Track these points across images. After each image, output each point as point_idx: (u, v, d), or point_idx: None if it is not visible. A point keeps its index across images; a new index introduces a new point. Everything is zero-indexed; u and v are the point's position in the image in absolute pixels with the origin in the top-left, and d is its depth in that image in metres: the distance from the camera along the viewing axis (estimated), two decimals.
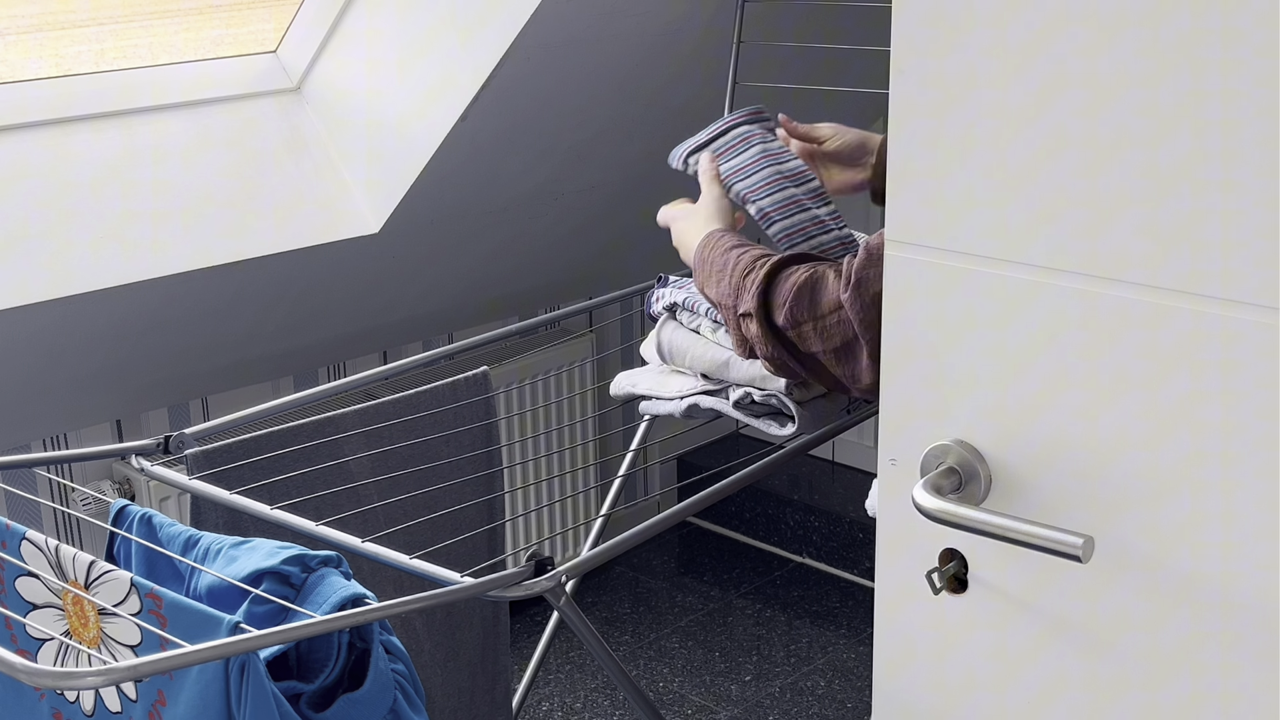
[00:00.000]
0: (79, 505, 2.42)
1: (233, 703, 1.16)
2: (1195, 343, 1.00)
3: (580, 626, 1.51)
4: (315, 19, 2.44)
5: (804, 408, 1.66)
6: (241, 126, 2.41)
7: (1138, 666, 1.08)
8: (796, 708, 2.82)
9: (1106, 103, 0.99)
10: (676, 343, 1.78)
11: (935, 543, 1.16)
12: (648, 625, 3.13)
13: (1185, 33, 0.95)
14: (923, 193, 1.10)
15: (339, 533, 1.49)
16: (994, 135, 1.05)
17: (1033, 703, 1.15)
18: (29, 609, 1.31)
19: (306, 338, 2.65)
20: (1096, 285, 1.03)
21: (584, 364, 3.02)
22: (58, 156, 2.22)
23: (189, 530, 1.37)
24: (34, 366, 2.27)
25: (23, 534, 1.32)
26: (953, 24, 1.05)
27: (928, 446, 1.13)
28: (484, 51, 2.25)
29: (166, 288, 2.27)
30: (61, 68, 3.26)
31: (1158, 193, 0.99)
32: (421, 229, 2.54)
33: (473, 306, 2.90)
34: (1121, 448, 1.05)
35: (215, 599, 1.28)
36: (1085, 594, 1.09)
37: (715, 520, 3.53)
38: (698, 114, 2.65)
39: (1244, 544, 1.01)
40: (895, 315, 1.14)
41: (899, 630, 1.21)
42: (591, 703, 2.85)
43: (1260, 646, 1.02)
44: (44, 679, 1.09)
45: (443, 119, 2.33)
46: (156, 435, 1.73)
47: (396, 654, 1.30)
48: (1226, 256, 0.97)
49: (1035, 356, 1.07)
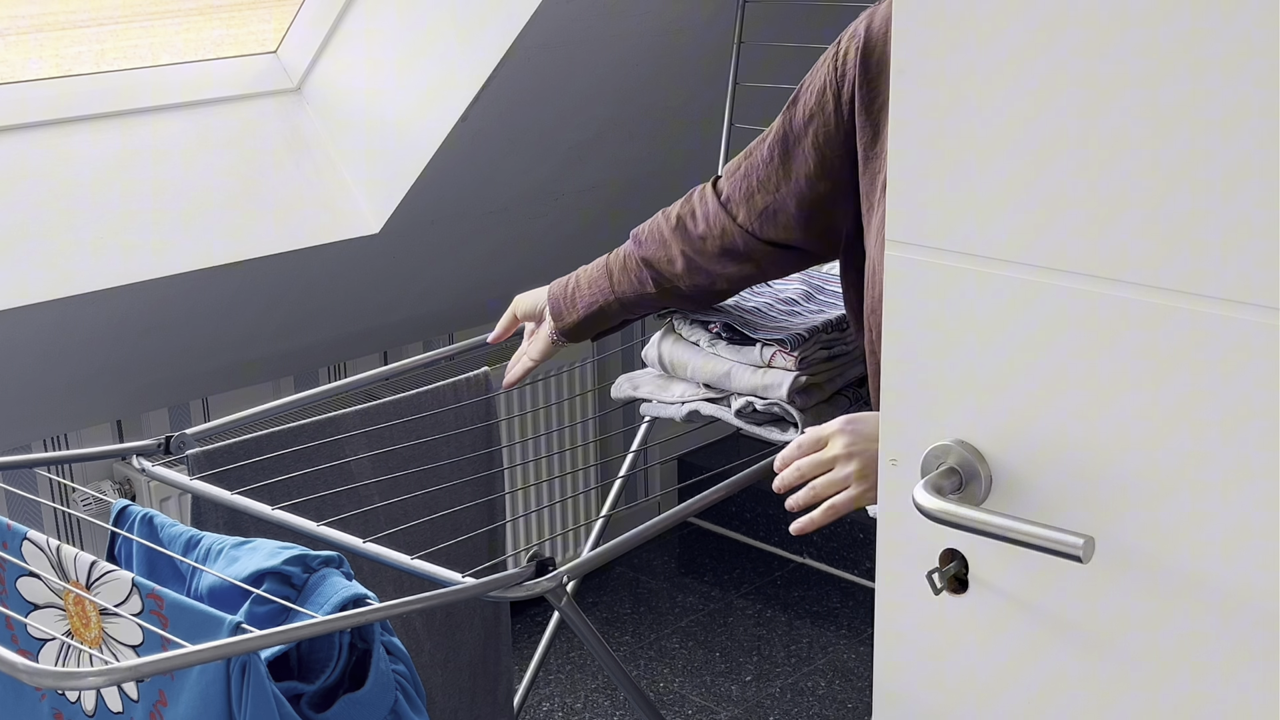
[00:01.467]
0: (80, 505, 2.42)
1: (234, 703, 1.16)
2: (1195, 343, 1.00)
3: (581, 627, 1.51)
4: (315, 19, 2.44)
5: (806, 414, 1.67)
6: (242, 127, 2.41)
7: (1138, 666, 1.08)
8: (797, 708, 2.82)
9: (1106, 102, 1.00)
10: (676, 356, 1.79)
11: (936, 543, 1.16)
12: (648, 626, 3.13)
13: (1185, 32, 0.95)
14: (923, 193, 1.10)
15: (340, 533, 1.49)
16: (994, 135, 1.05)
17: (1033, 703, 1.15)
18: (30, 609, 1.31)
19: (307, 338, 2.65)
20: (1096, 285, 1.03)
21: (585, 365, 3.02)
22: (58, 157, 2.22)
23: (190, 531, 1.37)
24: (34, 366, 2.27)
25: (24, 534, 1.32)
26: (953, 24, 1.05)
27: (928, 447, 1.13)
28: (484, 51, 2.25)
29: (167, 288, 2.27)
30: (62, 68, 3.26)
31: (1158, 192, 0.99)
32: (422, 229, 2.54)
33: (473, 306, 2.90)
34: (1122, 448, 1.05)
35: (216, 599, 1.28)
36: (1085, 594, 1.09)
37: (716, 521, 3.53)
38: (697, 114, 2.65)
39: (1244, 544, 1.01)
40: (895, 315, 1.14)
41: (899, 630, 1.21)
42: (592, 703, 2.85)
43: (1261, 646, 1.02)
44: (45, 679, 1.09)
45: (443, 119, 2.33)
46: (157, 435, 1.73)
47: (397, 654, 1.30)
48: (1227, 256, 0.97)
49: (1036, 356, 1.07)
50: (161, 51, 3.73)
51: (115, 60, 3.63)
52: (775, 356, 1.68)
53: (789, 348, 1.67)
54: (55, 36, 3.81)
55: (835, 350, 1.72)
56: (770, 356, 1.69)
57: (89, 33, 3.89)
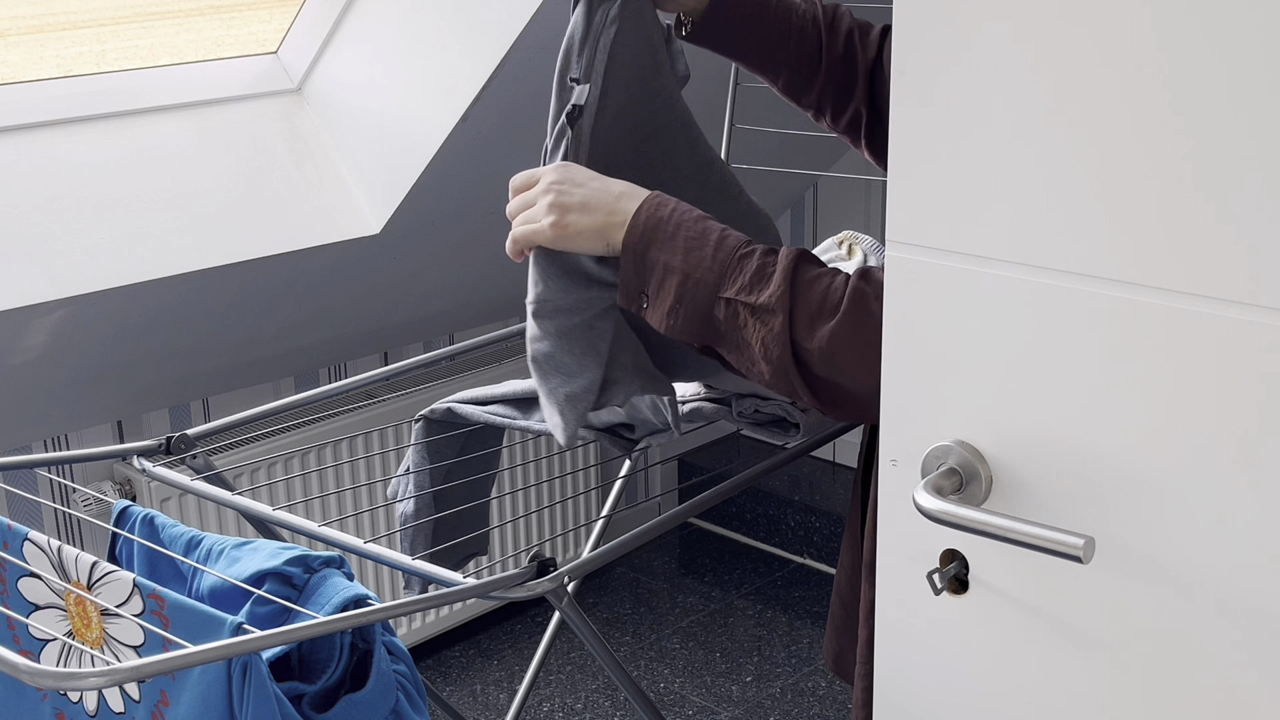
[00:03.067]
0: (80, 506, 2.43)
1: (235, 703, 1.16)
2: (1196, 343, 1.00)
3: (582, 627, 1.51)
4: (316, 20, 2.44)
5: (808, 415, 1.67)
6: (242, 127, 2.41)
7: (1138, 666, 1.08)
8: (797, 708, 2.82)
9: (1106, 102, 1.00)
10: None
11: (936, 543, 1.16)
12: (649, 626, 3.13)
13: (1185, 31, 0.96)
14: (923, 193, 1.10)
15: (340, 533, 1.49)
16: (995, 135, 1.05)
17: (1033, 703, 1.15)
18: (31, 610, 1.31)
19: (307, 338, 2.65)
20: (1097, 285, 1.03)
21: None
22: (59, 157, 2.23)
23: (191, 531, 1.37)
24: (34, 366, 2.27)
25: (25, 535, 1.32)
26: (953, 24, 1.05)
27: (929, 447, 1.14)
28: (484, 52, 2.25)
29: (167, 288, 2.27)
30: (63, 68, 3.26)
31: (1159, 193, 0.99)
32: (422, 229, 2.54)
33: (474, 307, 2.90)
34: (1122, 448, 1.05)
35: (218, 600, 1.28)
36: (1086, 594, 1.09)
37: (716, 521, 3.53)
38: (698, 113, 2.65)
39: (1245, 544, 1.01)
40: (895, 315, 1.14)
41: (899, 631, 1.21)
42: (592, 703, 2.85)
43: (1261, 646, 1.02)
44: (47, 679, 1.09)
45: (444, 120, 2.33)
46: (158, 436, 1.74)
47: (399, 655, 1.30)
48: (1228, 257, 0.97)
49: (1036, 356, 1.07)
50: (162, 51, 3.74)
51: (115, 60, 3.64)
52: None
53: None
54: (56, 37, 3.82)
55: None
56: None
57: (90, 33, 3.89)
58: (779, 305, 1.25)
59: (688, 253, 1.29)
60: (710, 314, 1.29)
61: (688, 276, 1.29)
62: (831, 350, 1.24)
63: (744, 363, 1.31)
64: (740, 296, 1.27)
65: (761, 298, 1.26)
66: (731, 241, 1.30)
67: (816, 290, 1.26)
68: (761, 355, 1.28)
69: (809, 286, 1.26)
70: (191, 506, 2.49)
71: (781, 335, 1.26)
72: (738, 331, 1.29)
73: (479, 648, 3.03)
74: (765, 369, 1.29)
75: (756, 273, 1.28)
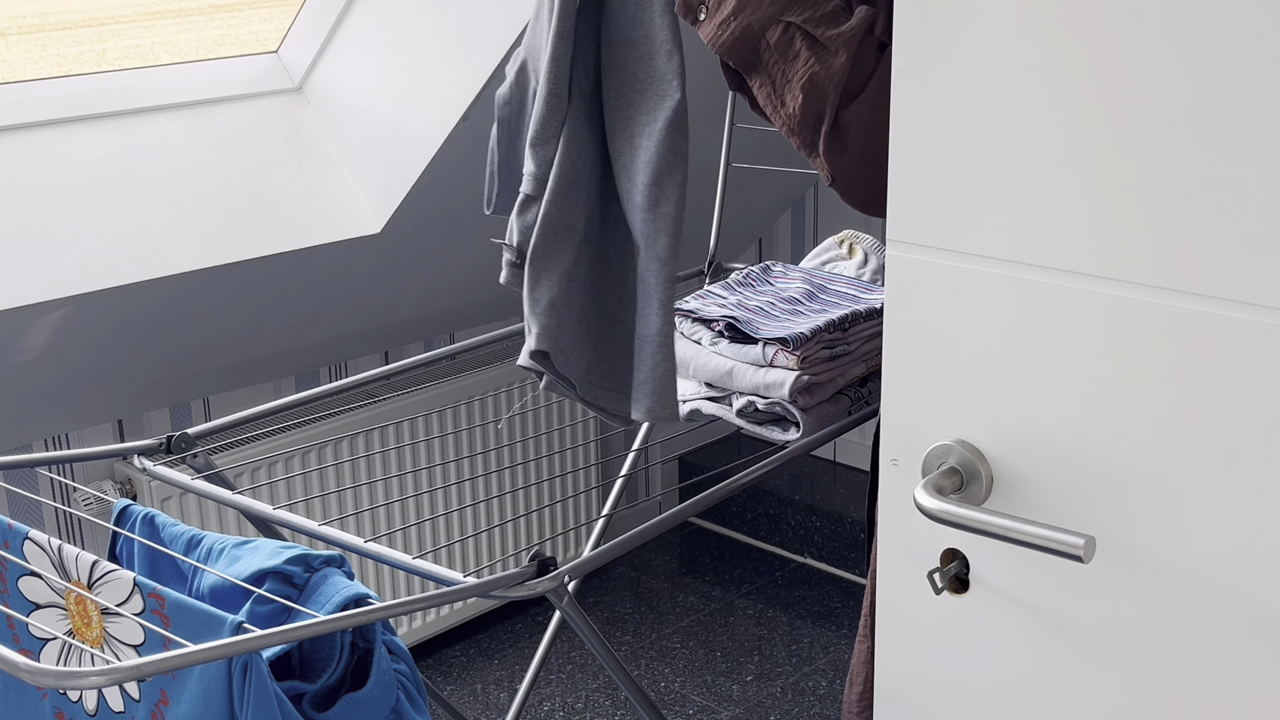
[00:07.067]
0: (81, 505, 2.43)
1: (235, 702, 1.16)
2: (1196, 342, 1.00)
3: (582, 626, 1.51)
4: (317, 19, 2.44)
5: (808, 413, 1.67)
6: (243, 127, 2.41)
7: (1138, 666, 1.08)
8: (798, 708, 2.82)
9: (1106, 102, 1.00)
10: (678, 354, 1.79)
11: (937, 543, 1.16)
12: (649, 625, 3.13)
13: (1185, 31, 0.96)
14: (923, 193, 1.10)
15: (340, 533, 1.49)
16: (994, 135, 1.05)
17: (1033, 703, 1.15)
18: (32, 609, 1.31)
19: (308, 338, 2.65)
20: (1097, 285, 1.03)
21: None
22: (59, 156, 2.23)
23: (192, 530, 1.37)
24: (35, 366, 2.27)
25: (25, 534, 1.32)
26: (953, 24, 1.05)
27: (929, 447, 1.14)
28: (485, 51, 2.25)
29: (168, 288, 2.27)
30: (63, 68, 3.26)
31: (1159, 192, 0.99)
32: (423, 229, 2.54)
33: (475, 306, 2.90)
34: (1123, 447, 1.05)
35: (218, 599, 1.29)
36: (1086, 594, 1.09)
37: (717, 520, 3.53)
38: (697, 112, 2.65)
39: (1245, 543, 1.01)
40: (896, 315, 1.14)
41: (900, 630, 1.21)
42: (593, 703, 2.85)
43: (1261, 646, 1.02)
44: (47, 678, 1.09)
45: (444, 119, 2.33)
46: (158, 435, 1.73)
47: (399, 654, 1.30)
48: (1228, 256, 0.97)
49: (1036, 356, 1.07)
50: (162, 51, 3.74)
51: (117, 60, 3.64)
52: (777, 355, 1.68)
53: (791, 347, 1.68)
54: (57, 36, 3.82)
55: (837, 350, 1.72)
56: (772, 355, 1.69)
57: (90, 32, 3.90)
58: (845, 46, 1.26)
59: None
60: (762, 36, 1.29)
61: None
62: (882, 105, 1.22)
63: (773, 98, 1.31)
64: (806, 25, 1.28)
65: (830, 32, 1.27)
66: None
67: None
68: (802, 88, 1.28)
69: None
70: (192, 506, 2.49)
71: (840, 75, 1.26)
72: (783, 63, 1.29)
73: (479, 647, 3.04)
74: (794, 106, 1.29)
75: (832, 13, 1.28)
